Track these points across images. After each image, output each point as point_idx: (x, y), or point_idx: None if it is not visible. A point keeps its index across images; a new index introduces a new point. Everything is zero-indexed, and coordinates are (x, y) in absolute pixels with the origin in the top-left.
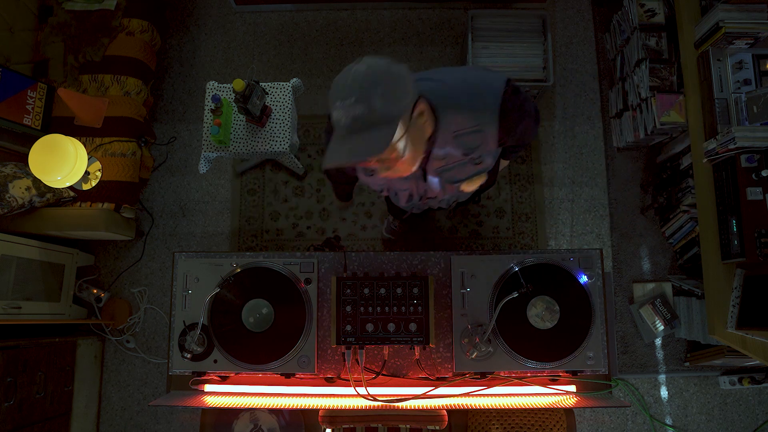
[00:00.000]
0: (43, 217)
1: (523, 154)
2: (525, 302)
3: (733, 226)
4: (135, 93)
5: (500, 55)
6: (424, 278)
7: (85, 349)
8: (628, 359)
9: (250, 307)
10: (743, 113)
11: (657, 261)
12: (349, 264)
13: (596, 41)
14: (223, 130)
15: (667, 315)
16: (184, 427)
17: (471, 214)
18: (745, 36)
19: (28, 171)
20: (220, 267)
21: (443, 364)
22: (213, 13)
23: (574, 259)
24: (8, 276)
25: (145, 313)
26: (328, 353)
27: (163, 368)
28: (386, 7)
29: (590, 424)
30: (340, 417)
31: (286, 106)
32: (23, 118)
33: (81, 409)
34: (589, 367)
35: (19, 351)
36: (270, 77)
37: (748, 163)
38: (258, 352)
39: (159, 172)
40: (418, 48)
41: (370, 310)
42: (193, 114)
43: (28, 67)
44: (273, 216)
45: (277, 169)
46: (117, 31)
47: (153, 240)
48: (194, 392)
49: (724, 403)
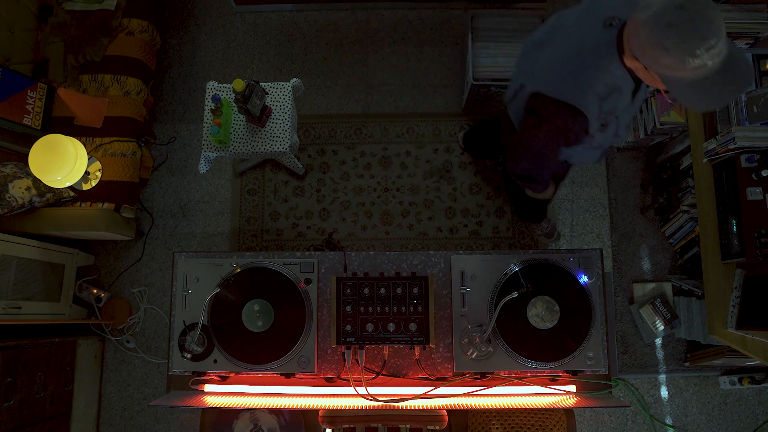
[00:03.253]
0: (43, 217)
1: None
2: (525, 302)
3: (733, 226)
4: (135, 93)
5: (500, 55)
6: (424, 278)
7: (85, 349)
8: (628, 359)
9: (250, 307)
10: (743, 113)
11: (657, 261)
12: (349, 264)
13: None
14: (223, 130)
15: (667, 315)
16: (184, 427)
17: (471, 214)
18: (745, 36)
19: (28, 171)
20: (220, 267)
21: (443, 364)
22: (213, 13)
23: (574, 259)
24: (8, 276)
25: (145, 313)
26: (328, 353)
27: (163, 368)
28: (386, 7)
29: (590, 424)
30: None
31: (286, 106)
32: (23, 118)
33: (81, 409)
34: (589, 367)
35: (19, 351)
36: (270, 77)
37: (748, 163)
38: (258, 352)
39: (159, 172)
40: (418, 48)
41: (370, 310)
42: (193, 114)
43: (28, 67)
44: (273, 216)
45: (277, 169)
46: (117, 31)
47: (153, 240)
48: (194, 392)
49: (724, 403)
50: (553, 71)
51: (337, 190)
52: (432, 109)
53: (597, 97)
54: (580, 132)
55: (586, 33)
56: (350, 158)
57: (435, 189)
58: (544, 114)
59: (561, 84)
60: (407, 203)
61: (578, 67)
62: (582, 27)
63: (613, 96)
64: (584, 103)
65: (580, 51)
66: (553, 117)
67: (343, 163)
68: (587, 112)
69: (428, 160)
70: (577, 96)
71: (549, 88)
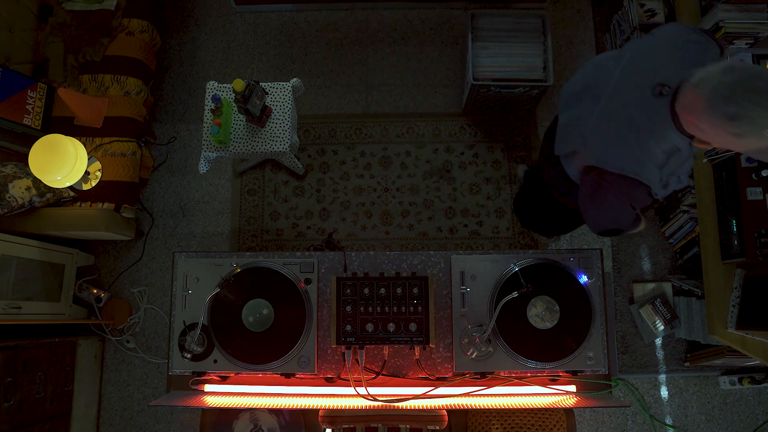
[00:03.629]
0: (43, 217)
1: (523, 154)
2: (525, 302)
3: (733, 226)
4: (135, 93)
5: (500, 55)
6: (424, 278)
7: (85, 349)
8: (628, 359)
9: (250, 307)
10: None
11: (657, 261)
12: (349, 264)
13: (596, 41)
14: (223, 130)
15: (667, 315)
16: (184, 427)
17: (471, 214)
18: (745, 36)
19: (28, 171)
20: (220, 267)
21: (443, 364)
22: (213, 13)
23: (574, 259)
24: (8, 276)
25: (145, 313)
26: (328, 353)
27: (163, 368)
28: (386, 7)
29: (590, 424)
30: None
31: (286, 106)
32: (23, 118)
33: (81, 409)
34: (589, 367)
35: (19, 351)
36: (270, 77)
37: (748, 163)
38: (258, 352)
39: (159, 172)
40: (418, 48)
41: (370, 310)
42: (193, 114)
43: (28, 67)
44: (273, 216)
45: (277, 169)
46: (117, 31)
47: (153, 240)
48: (194, 392)
49: (724, 403)
50: (607, 145)
51: (337, 190)
52: (432, 109)
53: (657, 167)
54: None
55: (635, 101)
56: (350, 158)
57: (435, 189)
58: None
59: (617, 159)
60: (407, 203)
61: (633, 141)
62: (628, 92)
63: (673, 158)
64: (644, 174)
65: (631, 122)
66: (615, 188)
67: (343, 163)
68: (649, 182)
69: (428, 160)
70: (637, 170)
71: (606, 163)
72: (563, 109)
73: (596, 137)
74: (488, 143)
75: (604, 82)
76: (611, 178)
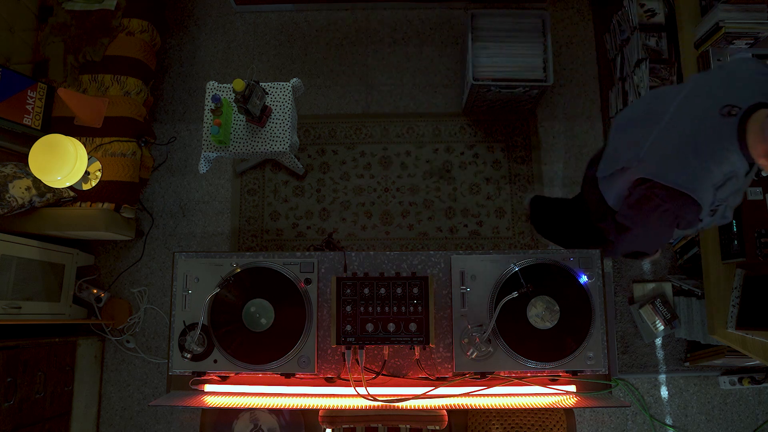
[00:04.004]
0: (43, 217)
1: (523, 154)
2: (525, 302)
3: (733, 226)
4: (135, 93)
5: (500, 55)
6: (424, 278)
7: (85, 349)
8: (628, 359)
9: (250, 307)
10: None
11: (657, 261)
12: (349, 264)
13: (596, 41)
14: (223, 130)
15: (667, 315)
16: (184, 427)
17: (471, 214)
18: (745, 36)
19: (28, 171)
20: (220, 267)
21: (443, 364)
22: (213, 13)
23: (574, 259)
24: (8, 276)
25: (145, 313)
26: (328, 353)
27: (163, 368)
28: (386, 7)
29: (590, 424)
30: (340, 417)
31: (286, 106)
32: (23, 118)
33: (81, 409)
34: (589, 367)
35: (19, 351)
36: (270, 77)
37: None
38: (258, 352)
39: (159, 172)
40: (418, 48)
41: (370, 310)
42: (193, 114)
43: (28, 67)
44: (273, 216)
45: (277, 169)
46: (117, 31)
47: (153, 240)
48: (194, 392)
49: (724, 403)
50: (666, 159)
51: (337, 190)
52: (432, 109)
53: (713, 187)
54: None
55: (701, 120)
56: (350, 158)
57: (435, 189)
58: (655, 201)
59: (675, 173)
60: (407, 203)
61: (694, 157)
62: (693, 112)
63: (730, 183)
64: (699, 192)
65: (694, 139)
66: (666, 204)
67: (343, 163)
68: (701, 201)
69: (428, 160)
70: (694, 185)
71: (662, 176)
72: (617, 132)
73: (654, 154)
74: (488, 143)
75: (664, 108)
76: (662, 192)
